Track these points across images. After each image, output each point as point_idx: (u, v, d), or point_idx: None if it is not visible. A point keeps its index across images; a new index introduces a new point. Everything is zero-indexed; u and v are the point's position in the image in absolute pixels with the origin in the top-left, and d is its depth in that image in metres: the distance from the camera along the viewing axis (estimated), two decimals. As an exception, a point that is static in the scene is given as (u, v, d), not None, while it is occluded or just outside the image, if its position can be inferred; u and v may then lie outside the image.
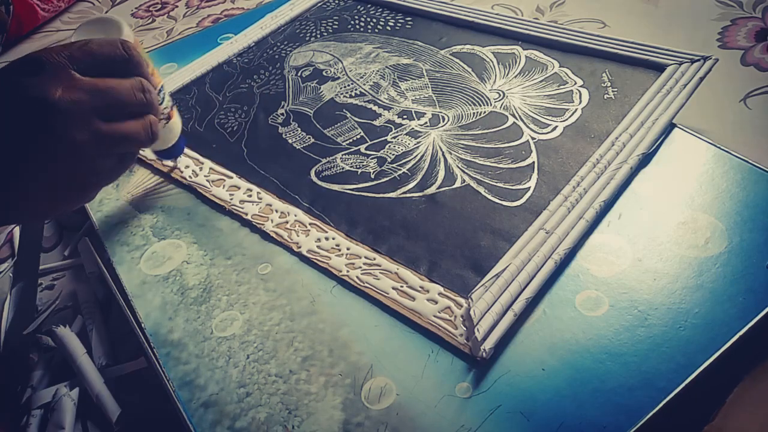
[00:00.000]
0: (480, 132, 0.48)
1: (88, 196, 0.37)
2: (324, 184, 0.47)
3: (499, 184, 0.44)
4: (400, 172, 0.46)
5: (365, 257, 0.40)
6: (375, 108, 0.53)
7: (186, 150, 0.52)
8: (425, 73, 0.56)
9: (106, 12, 0.89)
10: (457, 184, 0.44)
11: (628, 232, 0.39)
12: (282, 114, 0.55)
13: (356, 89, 0.56)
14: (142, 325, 0.39)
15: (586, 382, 0.32)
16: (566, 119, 0.48)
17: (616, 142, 0.44)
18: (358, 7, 0.68)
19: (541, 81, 0.52)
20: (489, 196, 0.43)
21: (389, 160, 0.47)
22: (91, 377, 0.39)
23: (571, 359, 0.33)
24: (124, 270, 0.43)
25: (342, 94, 0.55)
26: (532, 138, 0.47)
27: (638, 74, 0.50)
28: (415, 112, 0.52)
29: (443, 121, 0.50)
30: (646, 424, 0.30)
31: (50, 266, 0.49)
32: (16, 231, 0.53)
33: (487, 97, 0.52)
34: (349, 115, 0.53)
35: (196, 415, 0.34)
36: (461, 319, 0.35)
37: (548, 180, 0.43)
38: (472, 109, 0.51)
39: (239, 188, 0.47)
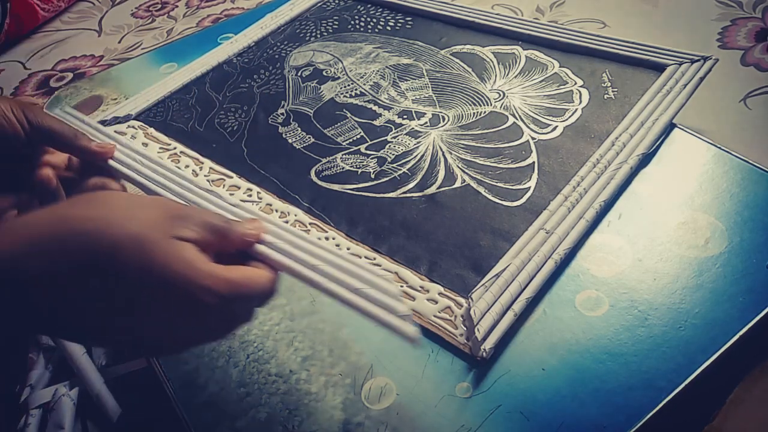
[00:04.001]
0: (480, 132, 0.48)
1: None
2: (324, 184, 0.47)
3: (499, 184, 0.44)
4: (400, 172, 0.46)
5: (365, 257, 0.40)
6: (375, 108, 0.53)
7: (186, 150, 0.52)
8: (425, 73, 0.56)
9: (106, 12, 0.89)
10: (457, 184, 0.44)
11: (628, 232, 0.39)
12: (282, 114, 0.55)
13: (356, 89, 0.56)
14: (142, 324, 0.39)
15: (586, 382, 0.32)
16: (566, 119, 0.48)
17: (616, 142, 0.44)
18: (358, 7, 0.68)
19: (541, 81, 0.52)
20: (489, 196, 0.43)
21: (389, 160, 0.47)
22: (91, 377, 0.39)
23: (571, 359, 0.33)
24: (124, 270, 0.43)
25: (342, 94, 0.55)
26: (532, 138, 0.47)
27: (638, 74, 0.50)
28: (415, 112, 0.52)
29: (443, 121, 0.50)
30: (646, 424, 0.30)
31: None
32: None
33: (487, 97, 0.52)
34: (349, 115, 0.53)
35: (196, 415, 0.34)
36: (461, 319, 0.35)
37: (548, 180, 0.43)
38: (472, 109, 0.51)
39: (239, 188, 0.47)
